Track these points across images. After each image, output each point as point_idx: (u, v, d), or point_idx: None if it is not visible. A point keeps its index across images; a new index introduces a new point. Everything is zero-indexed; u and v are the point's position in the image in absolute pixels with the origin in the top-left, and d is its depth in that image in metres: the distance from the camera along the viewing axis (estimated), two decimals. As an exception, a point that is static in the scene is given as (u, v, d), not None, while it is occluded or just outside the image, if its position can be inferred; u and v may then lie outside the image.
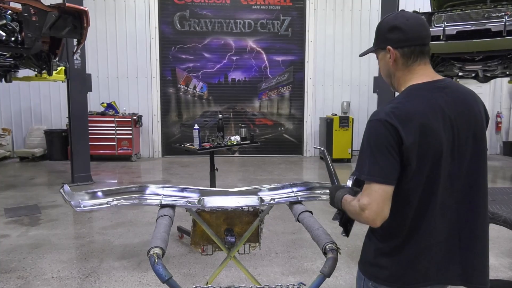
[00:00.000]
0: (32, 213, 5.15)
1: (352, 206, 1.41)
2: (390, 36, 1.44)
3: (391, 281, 1.43)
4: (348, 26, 10.24)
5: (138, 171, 8.48)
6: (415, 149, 1.31)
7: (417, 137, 1.31)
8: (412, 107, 1.35)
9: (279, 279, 3.31)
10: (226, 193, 2.39)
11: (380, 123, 1.33)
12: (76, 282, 3.23)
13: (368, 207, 1.31)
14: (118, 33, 9.76)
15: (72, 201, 2.14)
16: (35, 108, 9.87)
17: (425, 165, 1.34)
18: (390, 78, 1.53)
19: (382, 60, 1.51)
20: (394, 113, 1.33)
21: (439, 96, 1.38)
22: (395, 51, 1.43)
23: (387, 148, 1.31)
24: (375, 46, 1.52)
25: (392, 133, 1.31)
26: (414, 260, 1.40)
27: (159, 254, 1.56)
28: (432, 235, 1.39)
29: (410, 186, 1.35)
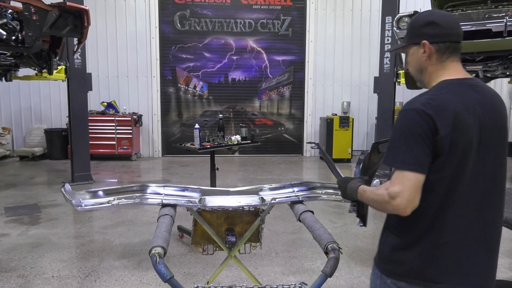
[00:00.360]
0: (32, 212, 5.15)
1: (378, 195, 1.38)
2: (426, 31, 1.44)
3: (410, 277, 1.40)
4: (348, 26, 10.24)
5: (138, 170, 8.48)
6: (448, 140, 1.31)
7: (451, 129, 1.31)
8: (447, 99, 1.36)
9: (280, 279, 3.32)
10: (227, 193, 2.39)
11: (415, 112, 1.33)
12: (77, 281, 3.23)
13: (400, 195, 1.29)
14: (118, 33, 9.76)
15: (73, 200, 2.14)
16: (35, 107, 9.86)
17: (454, 158, 1.34)
18: (420, 73, 1.52)
19: (414, 55, 1.50)
20: (430, 103, 1.34)
21: (471, 93, 1.40)
22: (431, 46, 1.43)
23: (422, 136, 1.31)
24: (408, 40, 1.51)
25: (428, 122, 1.31)
26: (435, 255, 1.38)
27: (161, 253, 1.56)
28: (453, 230, 1.38)
29: (437, 177, 1.34)
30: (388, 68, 7.19)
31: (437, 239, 1.38)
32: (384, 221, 1.56)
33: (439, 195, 1.36)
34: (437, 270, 1.38)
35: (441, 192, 1.36)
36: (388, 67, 7.19)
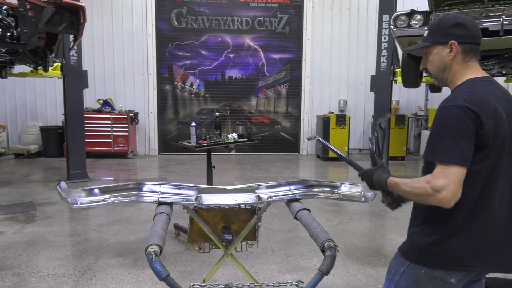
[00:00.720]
0: (27, 210, 5.12)
1: (419, 189, 1.42)
2: (454, 32, 1.51)
3: (449, 264, 1.47)
4: (345, 25, 10.24)
5: (134, 168, 8.46)
6: (492, 133, 1.39)
7: (494, 122, 1.40)
8: (484, 94, 1.44)
9: (276, 277, 3.32)
10: (223, 191, 2.38)
11: (459, 109, 1.39)
12: (72, 280, 3.21)
13: (446, 188, 1.34)
14: (114, 30, 9.71)
15: (69, 198, 2.13)
16: (30, 104, 9.80)
17: (494, 149, 1.42)
18: (443, 72, 1.58)
19: (438, 54, 1.56)
20: (471, 99, 1.40)
21: (495, 89, 1.50)
22: (458, 46, 1.51)
23: (467, 132, 1.38)
24: (433, 40, 1.57)
25: (472, 118, 1.38)
26: (473, 242, 1.45)
27: (157, 251, 1.55)
28: (491, 219, 1.45)
29: (479, 168, 1.42)
30: (385, 67, 7.20)
31: (475, 228, 1.45)
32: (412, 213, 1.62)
33: (478, 185, 1.44)
34: (475, 256, 1.46)
35: (480, 182, 1.43)
36: (385, 65, 7.20)
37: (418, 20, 4.70)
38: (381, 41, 7.20)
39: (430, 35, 1.59)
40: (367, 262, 3.66)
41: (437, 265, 1.49)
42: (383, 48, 7.20)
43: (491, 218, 1.46)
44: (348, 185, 2.46)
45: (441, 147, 1.40)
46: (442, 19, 1.57)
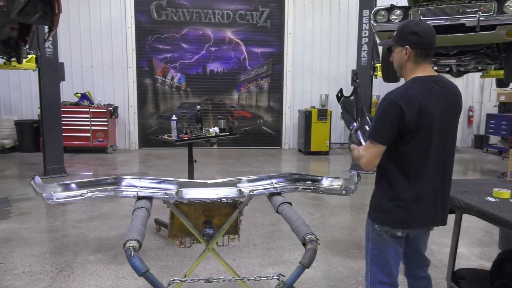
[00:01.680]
0: (1, 207, 4.96)
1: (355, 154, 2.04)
2: (410, 38, 1.88)
3: (392, 222, 1.96)
4: (326, 19, 10.27)
5: (114, 163, 8.31)
6: (413, 122, 1.82)
7: (416, 114, 1.82)
8: (415, 92, 1.85)
9: (258, 271, 3.32)
10: (204, 185, 2.36)
11: (389, 102, 1.85)
12: (49, 277, 3.13)
13: (365, 157, 1.93)
14: (92, 21, 9.47)
15: (44, 193, 2.07)
16: (4, 97, 9.48)
17: (421, 134, 1.85)
18: (400, 68, 1.99)
19: (398, 54, 1.96)
20: (401, 95, 1.85)
21: (434, 87, 1.89)
22: (411, 50, 1.89)
23: (390, 120, 1.84)
24: (395, 42, 1.96)
25: (396, 110, 1.82)
26: (410, 206, 1.92)
27: (136, 247, 1.52)
28: (424, 187, 1.91)
29: (408, 147, 1.87)
30: (366, 61, 7.27)
31: (414, 194, 1.91)
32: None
33: (413, 160, 1.89)
34: (413, 218, 1.94)
35: (415, 158, 1.89)
36: (366, 60, 7.26)
37: (398, 15, 4.75)
38: (362, 35, 7.26)
39: (395, 37, 1.97)
40: (348, 254, 3.70)
41: (385, 223, 1.98)
42: (363, 43, 7.26)
43: (424, 188, 1.91)
44: (329, 179, 2.47)
45: (371, 128, 1.93)
46: (404, 25, 1.93)
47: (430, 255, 3.70)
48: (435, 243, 3.99)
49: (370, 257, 2.09)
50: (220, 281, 1.66)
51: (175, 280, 1.57)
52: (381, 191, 2.01)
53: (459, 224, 2.52)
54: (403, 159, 1.90)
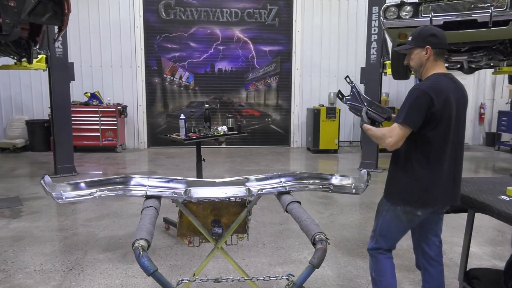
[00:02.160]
0: (13, 205, 5.02)
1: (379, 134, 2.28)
2: (430, 39, 2.19)
3: (414, 202, 2.21)
4: (335, 17, 10.20)
5: (123, 162, 8.36)
6: (440, 112, 2.10)
7: (443, 105, 2.11)
8: (441, 85, 2.14)
9: (267, 270, 3.30)
10: (213, 184, 2.35)
11: (421, 92, 2.11)
12: (60, 275, 3.16)
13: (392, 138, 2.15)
14: (101, 21, 9.53)
15: (54, 193, 2.07)
16: (15, 97, 9.60)
17: (443, 122, 2.13)
18: (420, 67, 2.26)
19: (418, 55, 2.23)
20: (431, 87, 2.11)
21: (451, 83, 2.20)
22: (432, 50, 2.18)
23: (421, 107, 2.10)
24: (415, 44, 2.23)
25: (427, 99, 2.09)
26: (430, 187, 2.18)
27: (144, 246, 1.51)
28: (442, 171, 2.18)
29: (432, 133, 2.13)
30: (375, 59, 7.20)
31: (431, 177, 2.18)
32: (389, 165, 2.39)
33: (435, 146, 2.16)
34: (431, 197, 2.20)
35: (436, 144, 2.16)
36: (375, 57, 7.19)
37: (408, 11, 4.69)
38: (371, 33, 7.19)
39: (413, 41, 2.24)
40: (358, 254, 3.67)
41: (407, 204, 2.23)
42: (373, 40, 7.18)
43: (442, 171, 2.18)
44: (339, 177, 2.45)
45: (403, 113, 2.14)
46: (422, 30, 2.24)
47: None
48: (446, 242, 3.92)
49: (379, 229, 2.41)
50: (229, 281, 1.64)
51: (183, 279, 1.56)
52: (403, 173, 2.24)
53: (472, 223, 2.47)
54: (426, 144, 2.15)
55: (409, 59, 2.29)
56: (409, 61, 2.29)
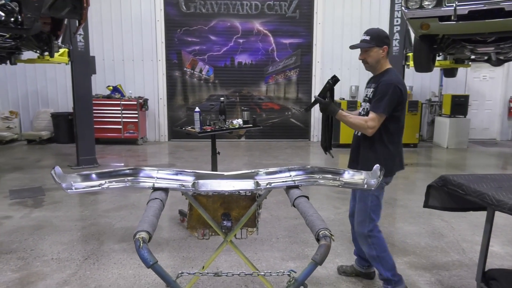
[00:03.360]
0: (36, 195, 5.18)
1: (359, 123, 2.66)
2: (386, 41, 2.69)
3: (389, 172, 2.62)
4: (357, 8, 9.97)
5: (143, 154, 8.49)
6: (404, 97, 2.64)
7: (405, 92, 2.65)
8: (401, 79, 2.70)
9: (279, 265, 3.27)
10: (221, 177, 2.32)
11: (395, 85, 2.58)
12: (75, 264, 3.23)
13: (373, 126, 2.60)
14: (123, 15, 9.65)
15: (64, 183, 2.10)
16: (41, 91, 9.88)
17: (404, 104, 2.69)
18: (376, 63, 2.70)
19: (376, 53, 2.66)
20: (400, 81, 2.64)
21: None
22: (387, 49, 2.67)
23: (394, 98, 2.58)
24: (375, 44, 2.64)
25: (399, 92, 2.59)
26: (396, 158, 2.71)
27: (145, 238, 1.50)
28: (400, 144, 2.76)
29: (399, 113, 2.66)
30: (397, 51, 7.00)
31: (397, 151, 2.72)
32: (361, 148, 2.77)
33: (400, 125, 2.69)
34: (395, 166, 2.72)
35: (401, 123, 2.70)
36: (397, 49, 7.00)
37: (431, 1, 4.52)
38: (393, 24, 6.99)
39: (373, 40, 2.64)
40: (373, 250, 3.58)
41: (387, 174, 2.53)
42: (395, 31, 6.99)
43: (400, 143, 2.76)
44: (351, 172, 2.37)
45: (383, 105, 2.57)
46: (379, 32, 2.69)
47: (461, 253, 3.53)
48: (467, 241, 3.80)
49: (370, 207, 2.71)
50: (229, 275, 1.62)
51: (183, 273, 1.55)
52: (380, 149, 2.67)
53: (491, 222, 2.36)
54: (395, 123, 2.65)
55: (366, 56, 2.67)
56: (365, 57, 2.68)
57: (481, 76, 10.51)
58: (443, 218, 4.38)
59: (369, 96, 2.72)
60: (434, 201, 2.73)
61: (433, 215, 4.47)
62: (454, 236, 3.93)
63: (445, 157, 8.41)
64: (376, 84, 2.67)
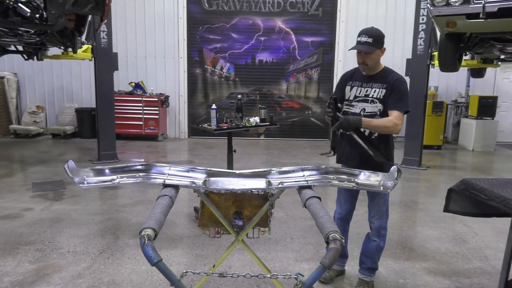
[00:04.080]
0: (57, 188, 5.30)
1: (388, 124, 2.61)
2: (383, 41, 2.70)
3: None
4: (382, 6, 9.75)
5: (163, 151, 8.57)
6: None
7: None
8: None
9: (292, 266, 3.22)
10: (233, 175, 2.30)
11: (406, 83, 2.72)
12: (90, 258, 3.27)
13: (400, 124, 2.61)
14: (146, 13, 9.76)
15: (76, 178, 2.12)
16: (67, 86, 10.12)
17: None
18: (375, 64, 2.71)
19: (377, 55, 2.68)
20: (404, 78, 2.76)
21: None
22: (385, 49, 2.72)
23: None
24: (377, 47, 2.65)
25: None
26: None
27: (151, 235, 1.49)
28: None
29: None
30: (422, 50, 6.80)
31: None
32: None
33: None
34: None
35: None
36: (422, 48, 6.80)
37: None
38: (419, 22, 6.79)
39: (376, 43, 2.62)
40: (390, 254, 3.49)
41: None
42: (420, 29, 6.79)
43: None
44: (367, 174, 2.30)
45: (403, 102, 2.64)
46: (379, 33, 2.68)
47: (483, 260, 3.39)
48: (490, 248, 3.64)
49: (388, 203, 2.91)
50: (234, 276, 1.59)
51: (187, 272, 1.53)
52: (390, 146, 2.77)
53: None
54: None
55: (368, 58, 2.63)
56: (366, 60, 2.64)
57: (511, 77, 10.10)
58: (465, 223, 4.22)
59: (376, 96, 2.69)
60: (455, 205, 2.62)
61: (455, 220, 4.32)
62: (477, 242, 3.78)
63: (470, 160, 8.13)
64: (382, 84, 2.68)
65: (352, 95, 2.82)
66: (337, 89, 2.96)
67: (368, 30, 2.68)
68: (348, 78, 2.89)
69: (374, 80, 2.74)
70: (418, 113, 6.89)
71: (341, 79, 2.95)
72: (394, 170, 2.21)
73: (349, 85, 2.85)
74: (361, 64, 2.71)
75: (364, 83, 2.77)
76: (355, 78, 2.84)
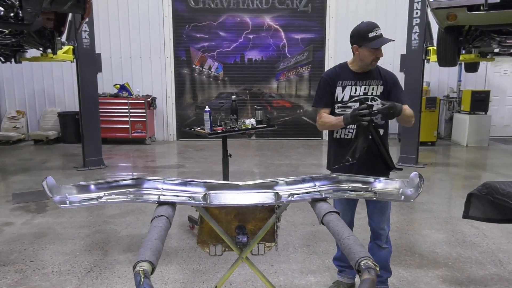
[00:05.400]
0: (39, 199, 4.95)
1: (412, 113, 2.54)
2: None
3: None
4: (372, 1, 9.59)
5: (152, 154, 8.25)
6: None
7: None
8: None
9: (298, 279, 2.98)
10: (236, 187, 2.05)
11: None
12: (77, 278, 2.98)
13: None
14: (130, 11, 9.41)
15: (57, 196, 1.86)
16: (48, 89, 9.70)
17: None
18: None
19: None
20: None
21: None
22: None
23: None
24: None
25: None
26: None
27: (147, 271, 1.22)
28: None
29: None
30: (416, 45, 6.64)
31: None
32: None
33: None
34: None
35: None
36: (417, 43, 6.63)
37: (460, -12, 4.16)
38: (413, 16, 6.62)
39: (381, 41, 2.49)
40: (400, 262, 3.28)
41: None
42: (414, 24, 6.62)
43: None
44: (383, 181, 2.07)
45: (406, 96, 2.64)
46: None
47: (498, 265, 3.21)
48: (503, 251, 3.47)
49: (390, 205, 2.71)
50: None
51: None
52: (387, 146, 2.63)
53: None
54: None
55: (381, 53, 2.51)
56: (380, 54, 2.52)
57: (502, 71, 10.06)
58: (473, 224, 4.05)
59: (376, 93, 2.56)
60: (476, 211, 2.41)
61: (461, 221, 4.14)
62: (488, 245, 3.60)
63: (465, 156, 8.02)
64: (377, 80, 2.57)
65: (346, 95, 2.57)
66: (325, 92, 2.61)
67: (375, 23, 2.55)
68: (335, 78, 2.59)
69: (369, 77, 2.56)
70: (414, 109, 6.71)
71: (327, 81, 2.61)
72: (415, 176, 1.98)
73: (339, 85, 2.57)
74: (374, 61, 2.51)
75: (359, 81, 2.56)
76: (343, 77, 2.58)
